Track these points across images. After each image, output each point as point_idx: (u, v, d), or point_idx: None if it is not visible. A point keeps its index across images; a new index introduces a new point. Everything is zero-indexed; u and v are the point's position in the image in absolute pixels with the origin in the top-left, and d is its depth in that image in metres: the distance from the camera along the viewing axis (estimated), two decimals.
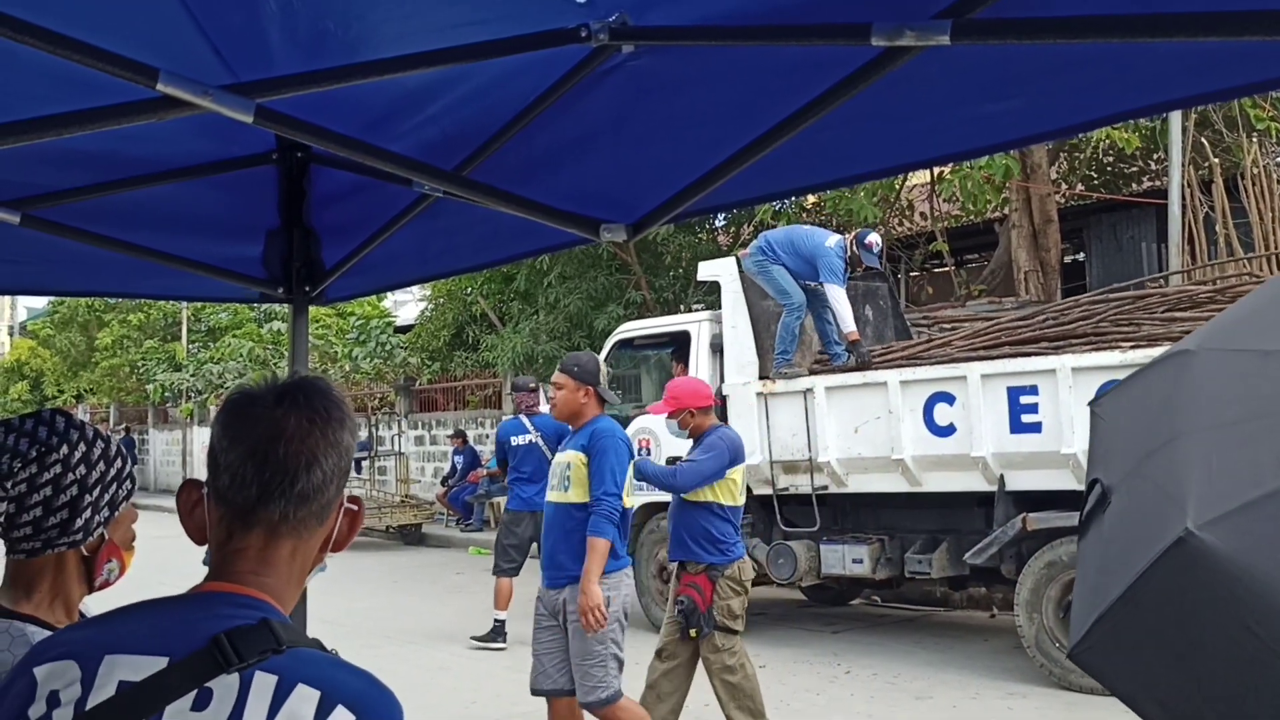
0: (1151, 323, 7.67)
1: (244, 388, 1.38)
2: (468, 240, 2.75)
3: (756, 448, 8.65)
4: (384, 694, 1.25)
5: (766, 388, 8.90)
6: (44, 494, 1.67)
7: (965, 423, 7.83)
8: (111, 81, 1.52)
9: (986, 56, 1.66)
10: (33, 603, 1.72)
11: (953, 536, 8.38)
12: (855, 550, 8.58)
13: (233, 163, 2.43)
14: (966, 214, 14.01)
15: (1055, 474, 7.52)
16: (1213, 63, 1.60)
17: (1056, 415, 7.41)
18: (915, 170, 7.51)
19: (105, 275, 2.97)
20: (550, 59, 1.86)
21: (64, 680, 1.22)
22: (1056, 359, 7.50)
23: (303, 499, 1.32)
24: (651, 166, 2.23)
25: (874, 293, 10.21)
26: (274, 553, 1.32)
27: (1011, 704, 7.16)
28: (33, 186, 2.35)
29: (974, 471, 7.88)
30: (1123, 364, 7.06)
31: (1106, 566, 1.96)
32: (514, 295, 17.60)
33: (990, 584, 8.63)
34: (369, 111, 2.03)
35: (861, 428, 8.38)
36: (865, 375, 8.44)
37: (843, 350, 8.92)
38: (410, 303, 26.69)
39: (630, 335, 10.22)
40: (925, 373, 8.15)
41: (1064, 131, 1.85)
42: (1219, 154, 11.28)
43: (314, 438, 1.32)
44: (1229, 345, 1.97)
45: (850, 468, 8.51)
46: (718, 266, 9.58)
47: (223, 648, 1.20)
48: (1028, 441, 7.60)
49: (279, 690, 1.19)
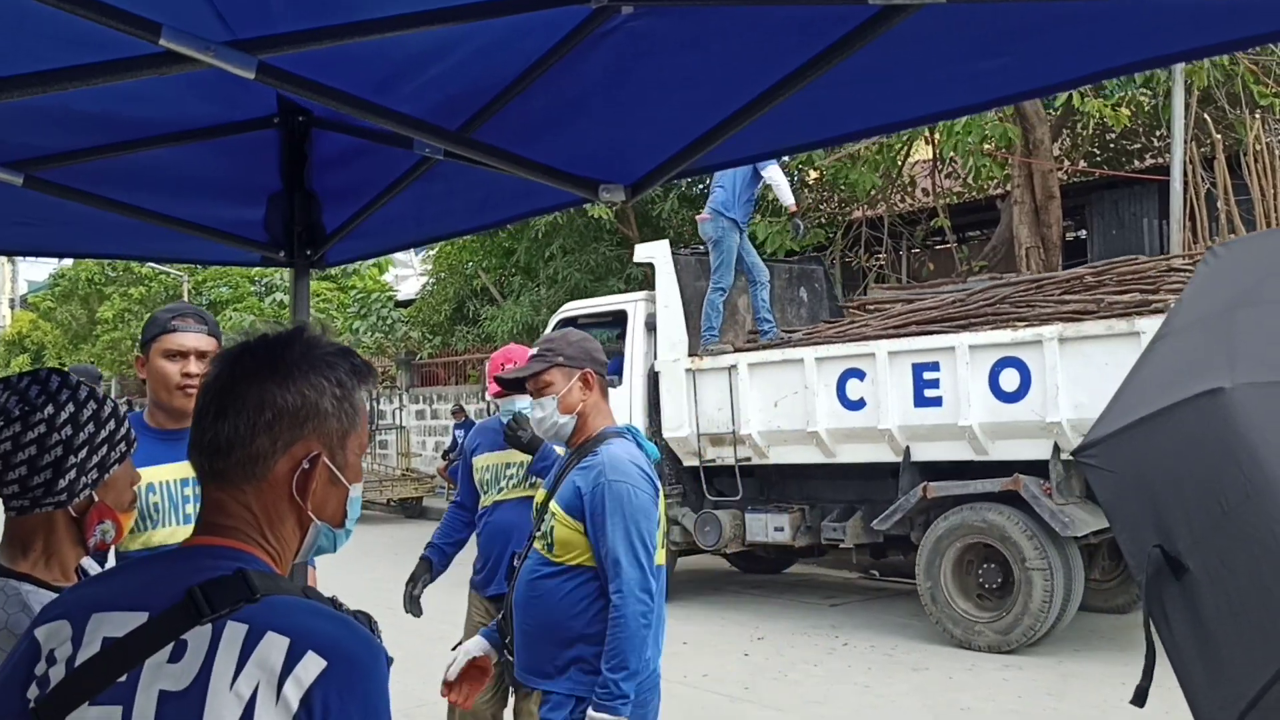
0: (1045, 304, 8.06)
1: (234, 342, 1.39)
2: (467, 202, 2.76)
3: (685, 421, 9.37)
4: (359, 640, 1.24)
5: (695, 364, 9.44)
6: (28, 453, 1.68)
7: (874, 397, 8.41)
8: (115, 36, 1.53)
9: (979, 14, 1.67)
10: (29, 561, 1.73)
11: (867, 505, 8.96)
12: (777, 519, 9.19)
13: (235, 126, 2.44)
14: (968, 189, 13.98)
15: (954, 445, 8.15)
16: (1202, 17, 1.61)
17: (956, 390, 7.99)
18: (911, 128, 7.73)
19: (108, 237, 2.98)
20: (551, 20, 1.87)
21: (59, 639, 1.26)
22: (955, 337, 8.07)
23: (214, 450, 1.31)
24: (650, 127, 2.24)
25: (810, 275, 11.03)
26: (229, 504, 1.33)
27: (1007, 675, 7.22)
28: (36, 148, 2.35)
29: (882, 443, 8.47)
30: (1014, 341, 7.75)
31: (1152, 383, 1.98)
32: (515, 269, 17.61)
33: (906, 551, 9.05)
34: (373, 73, 2.04)
35: (780, 402, 8.96)
36: (784, 352, 9.05)
37: (772, 326, 9.59)
38: (411, 277, 26.71)
39: (573, 314, 10.75)
40: (838, 350, 8.72)
41: (1056, 87, 1.86)
42: (1221, 130, 11.24)
43: (233, 391, 1.32)
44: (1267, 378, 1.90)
45: (770, 440, 9.08)
46: (652, 249, 10.17)
47: (196, 599, 1.21)
48: (930, 415, 8.21)
49: (248, 639, 1.19)
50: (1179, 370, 2.10)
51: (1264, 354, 1.97)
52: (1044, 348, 7.58)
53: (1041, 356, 7.60)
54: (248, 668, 1.18)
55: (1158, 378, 2.17)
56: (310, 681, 1.17)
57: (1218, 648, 1.86)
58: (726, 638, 8.43)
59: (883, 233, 14.28)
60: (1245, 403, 1.87)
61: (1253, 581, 1.80)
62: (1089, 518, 7.61)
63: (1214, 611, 1.89)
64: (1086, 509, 7.65)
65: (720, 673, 7.36)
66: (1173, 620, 1.99)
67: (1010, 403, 7.79)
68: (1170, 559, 1.95)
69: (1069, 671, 7.19)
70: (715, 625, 8.87)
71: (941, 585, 8.14)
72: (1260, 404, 1.87)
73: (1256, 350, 1.98)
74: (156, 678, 1.20)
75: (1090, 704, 6.47)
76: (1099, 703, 6.42)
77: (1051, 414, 7.55)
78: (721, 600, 9.94)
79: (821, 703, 6.72)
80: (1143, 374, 2.27)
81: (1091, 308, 7.66)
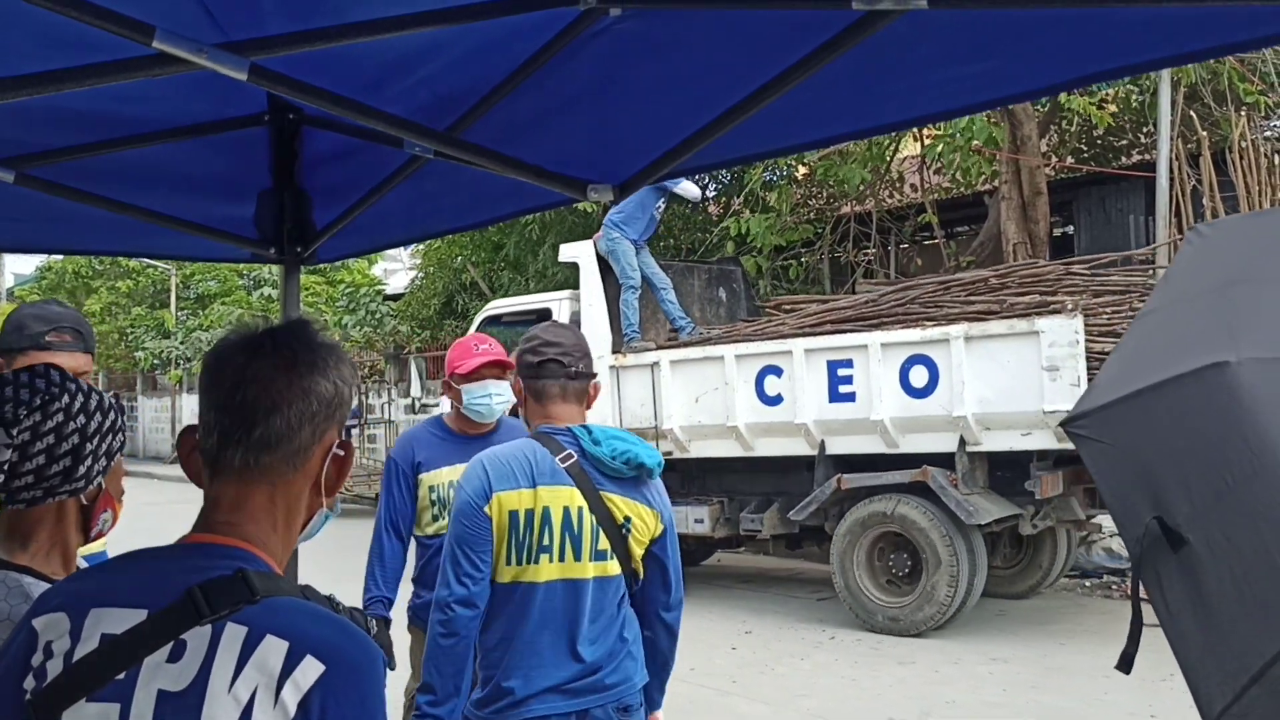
0: (952, 305, 8.41)
1: (225, 334, 1.38)
2: (456, 201, 2.77)
3: (609, 417, 9.54)
4: (357, 643, 1.25)
5: (618, 361, 9.73)
6: (47, 441, 1.68)
7: (791, 393, 8.71)
8: (108, 38, 1.54)
9: (962, 20, 1.70)
10: (29, 553, 1.74)
11: (784, 498, 9.26)
12: (697, 511, 9.48)
13: (226, 124, 2.45)
14: (956, 185, 14.02)
15: (867, 439, 8.47)
16: (1183, 26, 1.64)
17: (868, 386, 8.33)
18: (894, 131, 7.93)
19: (99, 234, 2.99)
20: (540, 22, 1.89)
21: (57, 632, 1.26)
22: (868, 336, 8.40)
23: (264, 445, 1.31)
24: (638, 128, 2.26)
25: (729, 276, 11.49)
26: (249, 500, 1.33)
27: (992, 669, 7.27)
28: (28, 145, 2.37)
29: (798, 437, 8.79)
30: (923, 339, 8.12)
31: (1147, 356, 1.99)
32: (504, 263, 17.58)
33: (821, 541, 9.34)
34: (362, 74, 2.06)
35: (701, 398, 9.26)
36: (705, 350, 9.33)
37: (688, 322, 9.92)
38: (400, 271, 26.65)
39: (498, 312, 11.15)
40: (756, 347, 9.02)
41: (1037, 92, 1.90)
42: (1207, 127, 11.30)
43: (277, 384, 1.32)
44: (1271, 354, 1.90)
45: (692, 435, 9.35)
46: (577, 248, 10.59)
47: (196, 600, 1.22)
48: (844, 410, 8.55)
49: (247, 641, 1.20)
50: (1175, 345, 2.10)
51: (1268, 330, 1.97)
52: (951, 346, 7.97)
53: (949, 354, 7.98)
54: (246, 670, 1.18)
55: (1152, 352, 2.17)
56: (309, 686, 1.18)
57: (1219, 622, 1.86)
58: (714, 632, 8.46)
59: (871, 228, 14.30)
60: (1251, 378, 1.86)
61: (1259, 557, 1.80)
62: (992, 507, 8.09)
63: (1216, 585, 1.88)
64: (990, 498, 8.16)
65: (708, 666, 7.40)
66: (1168, 593, 1.99)
67: (919, 398, 8.16)
68: (1169, 531, 1.95)
69: (1053, 665, 7.25)
70: (703, 620, 8.90)
71: (854, 572, 8.57)
72: (1265, 380, 1.86)
73: (1258, 327, 1.98)
74: (155, 676, 1.20)
75: (1073, 696, 6.52)
76: (1082, 695, 6.48)
77: (958, 408, 7.93)
78: (709, 595, 9.98)
79: (808, 695, 6.76)
80: (1133, 348, 2.28)
81: (995, 308, 8.10)
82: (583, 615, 2.62)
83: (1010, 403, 7.76)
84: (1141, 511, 2.02)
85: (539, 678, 2.59)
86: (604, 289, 9.96)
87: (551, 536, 2.59)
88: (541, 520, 2.58)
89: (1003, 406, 7.80)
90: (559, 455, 2.62)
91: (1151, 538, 1.98)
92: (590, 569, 2.62)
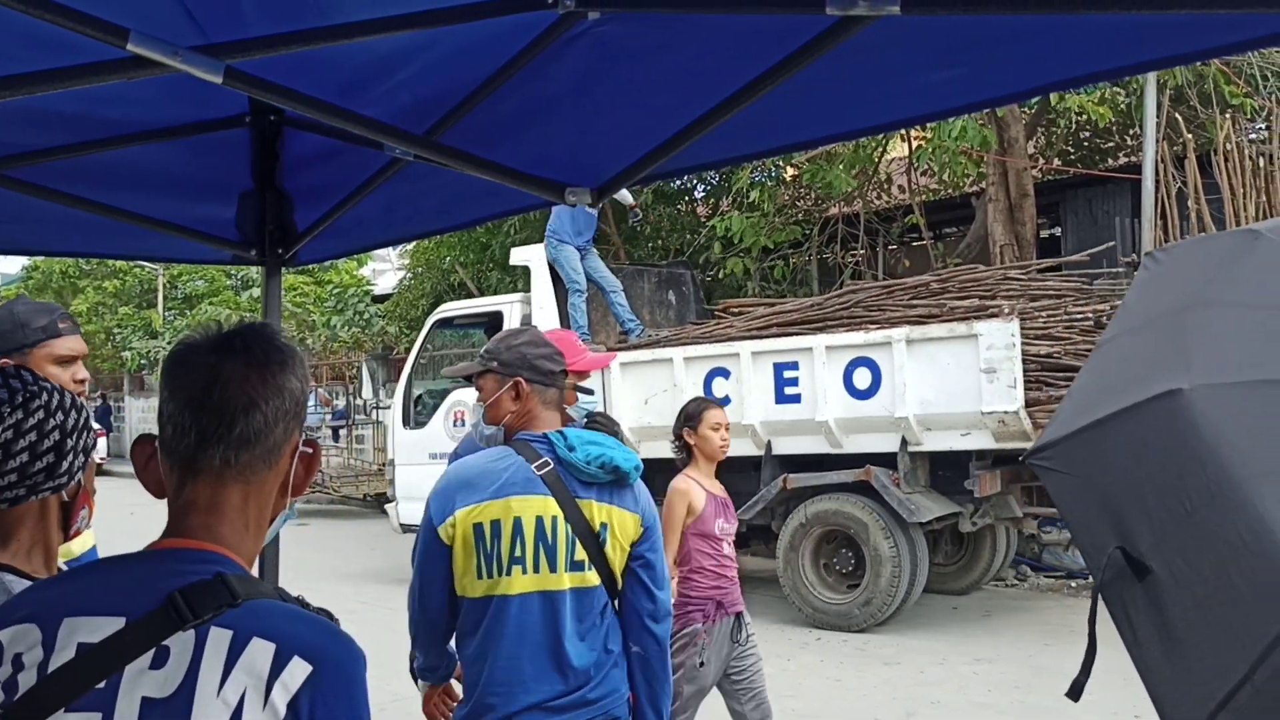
0: (894, 308, 8.63)
1: (186, 337, 1.38)
2: (438, 202, 2.78)
3: None
4: (341, 643, 1.26)
5: None
6: (29, 439, 1.67)
7: (738, 395, 8.86)
8: (83, 41, 1.54)
9: (935, 26, 1.71)
10: (9, 551, 1.73)
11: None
12: None
13: (206, 125, 2.45)
14: (943, 187, 14.06)
15: (812, 439, 8.70)
16: (1165, 29, 1.65)
17: (813, 388, 8.54)
18: (876, 134, 7.99)
19: (80, 236, 2.98)
20: (518, 25, 1.90)
21: (26, 643, 1.23)
22: (813, 339, 8.63)
23: (243, 443, 1.31)
24: (616, 131, 2.27)
25: (678, 279, 11.72)
26: (223, 501, 1.32)
27: (977, 669, 7.30)
28: (7, 146, 2.36)
29: (745, 438, 8.82)
30: (866, 342, 8.36)
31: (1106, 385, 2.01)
32: (492, 263, 17.57)
33: (768, 540, 9.49)
34: (340, 76, 2.06)
35: (651, 399, 9.39)
36: (655, 352, 9.48)
37: (637, 324, 10.09)
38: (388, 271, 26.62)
39: (449, 315, 11.25)
40: (705, 350, 9.23)
41: (1009, 98, 1.91)
42: (1193, 130, 11.35)
43: (251, 381, 1.32)
44: (1223, 379, 1.92)
45: (641, 435, 9.37)
46: (527, 252, 10.74)
47: (178, 605, 1.21)
48: (790, 411, 8.74)
49: (234, 645, 1.20)
50: (1132, 373, 2.12)
51: (1218, 355, 1.99)
52: (893, 349, 8.17)
53: (891, 357, 8.19)
54: (234, 673, 1.18)
55: (1110, 380, 2.19)
56: (297, 686, 1.18)
57: (1185, 648, 1.86)
58: None
59: (859, 230, 14.33)
60: (1204, 404, 1.87)
61: (1220, 581, 1.80)
62: (933, 505, 8.34)
63: (1180, 612, 1.88)
64: (931, 497, 8.40)
65: None
66: (1136, 622, 1.99)
67: (863, 399, 8.40)
68: (1132, 560, 1.95)
69: (1039, 666, 7.28)
70: None
71: (800, 569, 8.78)
72: (1219, 405, 1.87)
73: (1211, 351, 2.00)
74: (138, 684, 1.19)
75: (1058, 697, 6.50)
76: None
77: (900, 409, 8.13)
78: None
79: (794, 696, 6.77)
80: (1093, 377, 2.30)
81: (936, 312, 8.30)
82: (563, 628, 2.55)
83: (950, 404, 7.96)
84: (1106, 542, 2.03)
85: (521, 694, 2.54)
86: (555, 292, 10.07)
87: (524, 548, 2.53)
88: (512, 531, 2.53)
89: (943, 407, 7.99)
90: (535, 463, 2.59)
91: (1116, 568, 1.98)
92: (567, 580, 2.56)
